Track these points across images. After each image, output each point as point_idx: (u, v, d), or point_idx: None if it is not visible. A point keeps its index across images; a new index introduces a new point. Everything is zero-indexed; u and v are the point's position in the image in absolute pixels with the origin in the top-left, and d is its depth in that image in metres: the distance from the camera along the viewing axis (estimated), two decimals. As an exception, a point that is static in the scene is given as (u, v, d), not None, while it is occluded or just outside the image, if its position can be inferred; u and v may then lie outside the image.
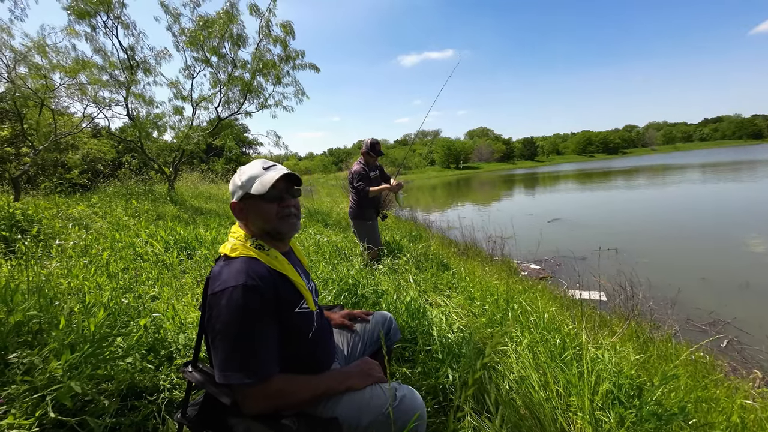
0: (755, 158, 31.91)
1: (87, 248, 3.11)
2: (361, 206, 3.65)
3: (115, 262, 2.87)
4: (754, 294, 4.43)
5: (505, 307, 2.43)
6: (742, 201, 11.65)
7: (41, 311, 1.64)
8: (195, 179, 13.54)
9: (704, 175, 21.41)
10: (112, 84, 6.65)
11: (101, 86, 6.53)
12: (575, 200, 15.80)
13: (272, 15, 7.29)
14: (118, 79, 6.71)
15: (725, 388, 1.94)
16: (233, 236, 1.11)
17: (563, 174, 36.26)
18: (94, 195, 6.26)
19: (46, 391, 1.23)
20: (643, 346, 2.17)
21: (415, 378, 1.84)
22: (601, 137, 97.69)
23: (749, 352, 3.14)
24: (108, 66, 6.61)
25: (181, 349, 1.78)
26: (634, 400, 1.56)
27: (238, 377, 0.90)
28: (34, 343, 1.51)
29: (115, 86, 6.69)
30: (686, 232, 8.00)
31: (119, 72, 6.75)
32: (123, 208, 5.23)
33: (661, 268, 5.55)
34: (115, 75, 6.73)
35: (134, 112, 7.25)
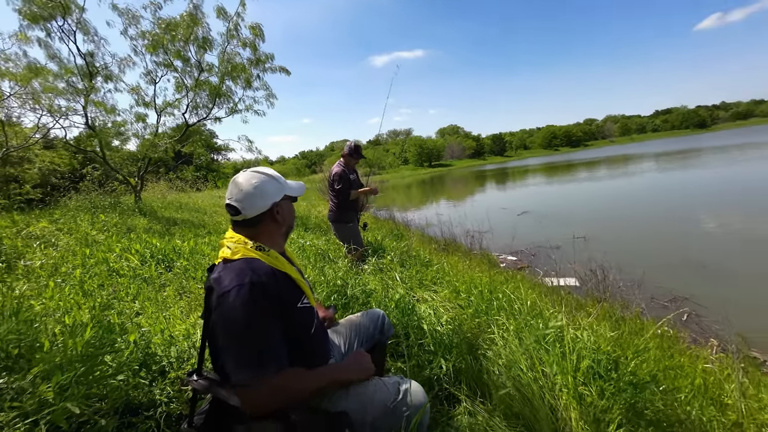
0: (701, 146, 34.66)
1: (56, 267, 2.95)
2: (341, 209, 3.67)
3: (90, 279, 2.74)
4: (706, 270, 4.86)
5: (490, 297, 2.55)
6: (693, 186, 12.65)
7: (20, 335, 1.56)
8: (163, 188, 12.98)
9: (659, 164, 23.01)
10: (69, 92, 6.26)
11: (57, 94, 6.13)
12: (544, 193, 16.51)
13: (240, 18, 7.13)
14: (76, 87, 6.33)
15: (688, 356, 2.15)
16: (230, 241, 1.10)
17: (531, 168, 37.73)
18: (56, 210, 5.88)
19: (38, 416, 1.19)
20: (616, 324, 2.35)
21: (410, 371, 1.91)
22: (564, 131, 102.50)
23: (706, 323, 3.45)
24: (64, 73, 6.22)
25: (174, 362, 1.75)
26: (612, 373, 1.70)
27: (251, 372, 0.91)
28: (15, 367, 1.44)
29: (73, 94, 6.30)
30: (646, 217, 8.60)
31: (77, 79, 6.37)
32: (89, 222, 4.95)
33: (626, 252, 5.95)
34: (73, 82, 6.35)
35: (94, 121, 6.86)
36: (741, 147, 26.31)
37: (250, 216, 1.10)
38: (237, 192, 1.10)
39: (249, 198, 1.09)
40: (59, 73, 6.20)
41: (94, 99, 6.67)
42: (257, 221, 1.12)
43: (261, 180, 1.12)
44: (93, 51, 6.66)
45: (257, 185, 1.11)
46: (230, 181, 1.15)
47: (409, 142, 72.74)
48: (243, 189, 1.10)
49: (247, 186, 1.10)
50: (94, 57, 6.67)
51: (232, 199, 1.10)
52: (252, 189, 1.10)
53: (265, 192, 1.11)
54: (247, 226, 1.12)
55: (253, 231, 1.12)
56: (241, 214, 1.10)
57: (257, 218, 1.12)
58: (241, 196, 1.09)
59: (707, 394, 1.72)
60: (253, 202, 1.10)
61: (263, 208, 1.11)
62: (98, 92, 6.83)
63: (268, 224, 1.15)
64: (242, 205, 1.09)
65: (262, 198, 1.11)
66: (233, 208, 1.10)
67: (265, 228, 1.14)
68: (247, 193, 1.09)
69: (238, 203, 1.09)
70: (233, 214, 1.12)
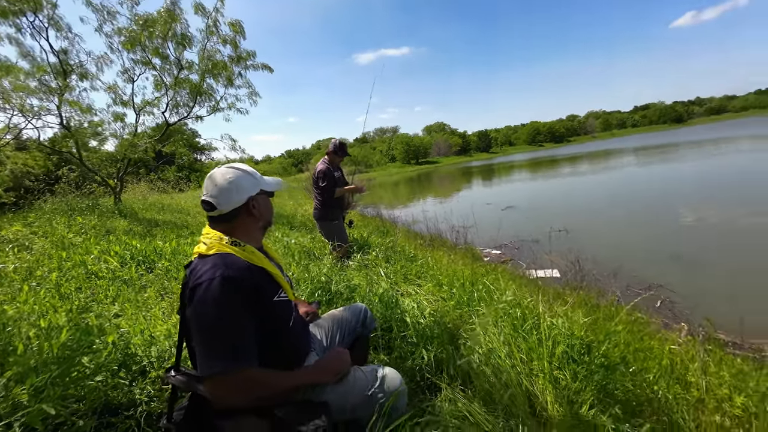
0: (678, 140, 35.81)
1: (31, 271, 2.87)
2: (326, 206, 3.67)
3: (67, 282, 2.68)
4: (681, 260, 5.07)
5: (471, 289, 2.61)
6: (671, 179, 13.10)
7: (-9, 339, 1.53)
8: (143, 189, 12.66)
9: (638, 158, 23.70)
10: (42, 91, 6.03)
11: (29, 93, 5.90)
12: (528, 188, 16.82)
13: (219, 14, 7.00)
14: (49, 86, 6.11)
15: (658, 339, 2.25)
16: (206, 237, 1.11)
17: (516, 163, 38.32)
18: (30, 214, 5.68)
19: (12, 418, 1.18)
20: (591, 311, 2.44)
21: (393, 363, 1.94)
22: (547, 127, 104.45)
23: (678, 309, 3.61)
24: (36, 71, 5.99)
25: (155, 362, 1.74)
26: (585, 357, 1.77)
27: (218, 366, 0.92)
28: (-13, 372, 1.42)
29: (46, 93, 6.08)
30: (625, 209, 8.87)
31: (50, 78, 6.14)
32: (66, 225, 4.81)
33: (605, 243, 6.14)
34: (46, 81, 6.12)
35: (69, 120, 6.64)
36: (715, 141, 27.31)
37: (226, 211, 1.11)
38: (212, 187, 1.11)
39: (224, 193, 1.10)
40: (31, 71, 5.97)
41: (69, 98, 6.45)
42: (233, 216, 1.13)
43: (236, 175, 1.13)
44: (67, 48, 6.43)
45: (232, 180, 1.11)
46: (206, 177, 1.16)
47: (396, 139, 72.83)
48: (218, 184, 1.10)
49: (222, 181, 1.11)
50: (68, 54, 6.44)
51: (207, 195, 1.11)
52: (227, 184, 1.10)
53: (240, 187, 1.12)
54: (223, 221, 1.13)
55: (228, 226, 1.13)
56: (216, 210, 1.11)
57: (233, 213, 1.12)
58: (216, 192, 1.10)
59: (673, 373, 1.82)
60: (229, 197, 1.10)
61: (239, 202, 1.12)
62: (73, 91, 6.61)
63: (244, 219, 1.15)
64: (217, 201, 1.10)
65: (237, 192, 1.11)
66: (208, 203, 1.11)
67: (241, 223, 1.15)
68: (222, 188, 1.10)
69: (213, 198, 1.10)
70: (208, 210, 1.12)
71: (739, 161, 15.02)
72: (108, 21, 6.51)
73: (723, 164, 14.99)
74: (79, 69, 6.63)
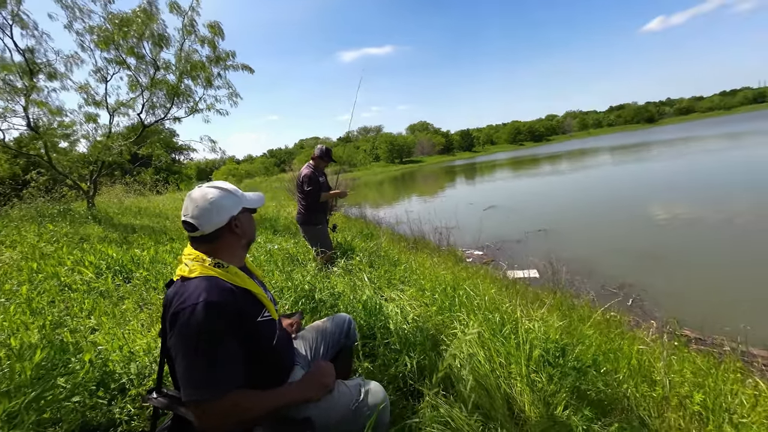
0: (650, 140, 37.32)
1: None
2: (310, 211, 3.66)
3: (38, 296, 2.59)
4: (650, 257, 5.31)
5: (453, 294, 2.67)
6: (644, 178, 13.66)
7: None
8: (119, 192, 12.22)
9: (612, 157, 24.58)
10: (7, 91, 5.74)
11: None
12: (509, 187, 17.18)
13: (196, 13, 6.84)
14: (14, 86, 5.82)
15: (628, 339, 2.38)
16: (188, 258, 1.10)
17: (498, 162, 39.04)
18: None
19: (-16, 447, 1.14)
20: (567, 313, 2.55)
21: (376, 371, 1.97)
22: (528, 127, 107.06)
23: (648, 307, 3.80)
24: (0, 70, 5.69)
25: (134, 379, 1.71)
26: (559, 359, 1.86)
27: (199, 393, 0.92)
28: (-45, 398, 1.36)
29: (11, 93, 5.78)
30: (601, 208, 9.21)
31: (15, 77, 5.85)
32: (36, 233, 4.61)
33: (582, 242, 6.37)
34: (10, 81, 5.82)
35: (37, 122, 6.35)
36: (685, 140, 28.63)
37: (208, 232, 1.11)
38: (193, 208, 1.10)
39: (205, 214, 1.09)
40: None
41: (36, 99, 6.16)
42: (215, 237, 1.12)
43: (216, 195, 1.13)
44: (33, 47, 6.14)
45: (213, 201, 1.11)
46: (185, 197, 1.15)
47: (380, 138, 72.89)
48: (198, 205, 1.10)
49: (203, 202, 1.10)
50: (34, 53, 6.15)
51: (188, 216, 1.10)
52: (208, 205, 1.10)
53: (221, 207, 1.12)
54: (205, 242, 1.12)
55: (211, 246, 1.13)
56: (198, 231, 1.10)
57: (215, 234, 1.12)
58: (197, 213, 1.09)
59: (641, 372, 1.93)
60: (210, 218, 1.10)
61: (220, 223, 1.12)
62: (41, 91, 6.32)
63: (227, 238, 1.15)
64: (198, 222, 1.09)
65: (218, 213, 1.11)
66: (189, 224, 1.10)
67: (225, 242, 1.14)
68: (203, 209, 1.09)
69: (194, 220, 1.09)
70: (190, 231, 1.12)
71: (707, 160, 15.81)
72: (79, 18, 6.26)
73: (692, 163, 15.74)
74: (47, 68, 6.34)
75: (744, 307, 3.42)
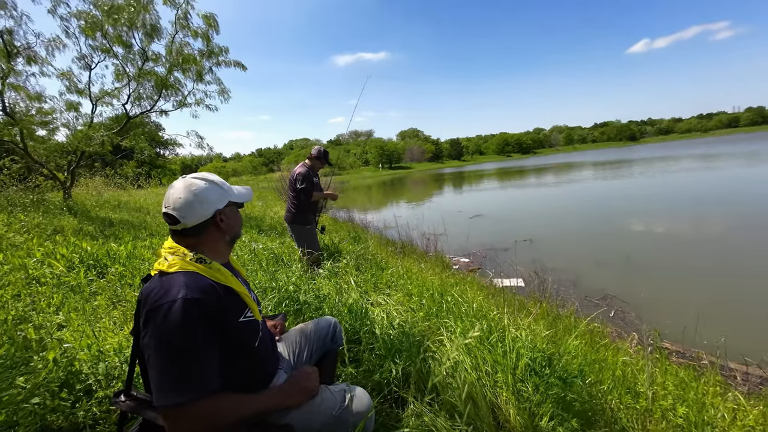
0: (631, 157, 38.65)
1: (-41, 275, 2.57)
2: (300, 210, 3.60)
3: (2, 289, 2.43)
4: (631, 269, 5.44)
5: (440, 300, 2.64)
6: (625, 193, 14.07)
7: None
8: (98, 185, 11.80)
9: (596, 171, 25.29)
10: (-19, 73, 5.48)
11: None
12: (497, 197, 17.42)
13: (190, 6, 6.70)
14: (-10, 68, 5.56)
15: (612, 350, 2.39)
16: (168, 252, 1.03)
17: (486, 172, 39.63)
18: (-39, 208, 5.10)
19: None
20: (553, 323, 2.55)
21: (360, 376, 1.92)
22: (516, 139, 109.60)
23: (629, 318, 3.87)
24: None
25: (102, 380, 1.61)
26: (545, 369, 1.84)
27: (173, 397, 0.85)
28: None
29: (-14, 76, 5.52)
30: (585, 221, 9.41)
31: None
32: (5, 222, 4.36)
33: (566, 253, 6.47)
34: (-14, 63, 5.56)
35: (13, 107, 6.07)
36: (664, 159, 29.76)
37: (190, 225, 1.03)
38: (175, 199, 1.02)
39: (188, 206, 1.02)
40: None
41: (14, 83, 5.90)
42: (198, 231, 1.05)
43: (201, 187, 1.06)
44: (12, 28, 5.89)
45: (197, 192, 1.04)
46: (168, 187, 1.08)
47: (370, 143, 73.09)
48: (181, 196, 1.02)
49: (186, 193, 1.03)
50: (12, 35, 5.89)
51: (169, 208, 1.02)
52: (191, 196, 1.03)
53: (206, 199, 1.05)
54: (187, 235, 1.05)
55: (193, 240, 1.06)
56: (179, 224, 1.03)
57: (198, 227, 1.05)
58: (179, 204, 1.02)
59: (625, 383, 1.93)
60: (193, 211, 1.03)
61: (204, 216, 1.05)
62: (19, 75, 6.05)
63: (212, 233, 1.08)
64: (180, 214, 1.02)
65: (202, 206, 1.04)
66: (171, 217, 1.02)
67: (208, 237, 1.08)
68: (186, 201, 1.02)
69: (176, 212, 1.02)
70: (171, 224, 1.04)
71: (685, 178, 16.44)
72: (64, 3, 6.04)
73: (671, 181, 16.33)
74: (27, 51, 6.09)
75: (721, 320, 3.52)
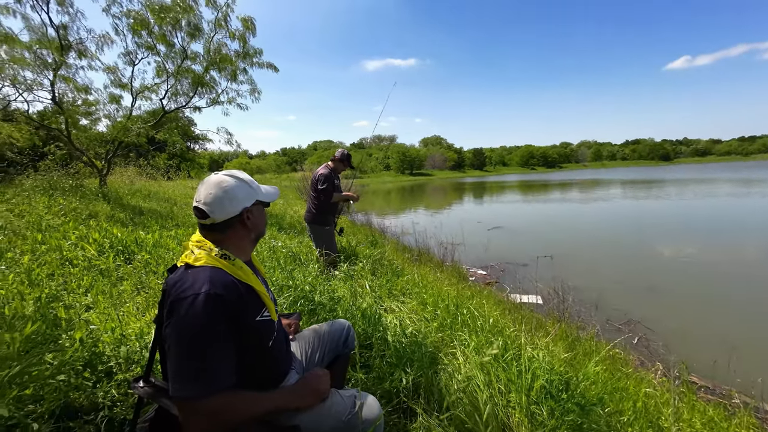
0: (665, 177, 36.98)
1: (1, 252, 2.74)
2: (320, 211, 3.64)
3: (39, 267, 2.57)
4: (658, 295, 5.17)
5: (455, 312, 2.59)
6: (657, 214, 13.45)
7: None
8: (131, 174, 12.38)
9: (625, 190, 24.33)
10: (37, 64, 5.87)
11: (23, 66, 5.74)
12: (518, 209, 17.04)
13: (230, 9, 6.99)
14: (45, 60, 5.95)
15: (634, 379, 2.27)
16: (195, 245, 1.06)
17: (508, 184, 38.91)
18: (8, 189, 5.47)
19: (-40, 418, 1.10)
20: (572, 345, 2.45)
21: (370, 383, 1.90)
22: (541, 152, 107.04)
23: (654, 347, 3.67)
24: (34, 43, 5.84)
25: (122, 363, 1.66)
26: (562, 393, 1.77)
27: (188, 389, 0.87)
28: (-60, 363, 1.33)
29: (40, 67, 5.92)
30: (610, 241, 9.05)
31: (47, 52, 5.99)
32: (45, 205, 4.64)
33: (588, 273, 6.23)
34: (42, 55, 5.96)
35: (62, 97, 6.47)
36: (701, 182, 28.30)
37: (219, 220, 1.07)
38: (206, 195, 1.06)
39: (218, 202, 1.05)
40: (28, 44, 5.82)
41: (64, 74, 6.30)
42: (226, 226, 1.08)
43: (231, 184, 1.09)
44: (67, 24, 6.30)
45: (227, 189, 1.07)
46: (199, 183, 1.12)
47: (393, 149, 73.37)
48: (212, 192, 1.06)
49: (217, 189, 1.06)
50: (67, 30, 6.30)
51: (200, 202, 1.06)
52: (221, 193, 1.06)
53: (235, 196, 1.08)
54: (215, 230, 1.08)
55: (220, 236, 1.09)
56: (208, 218, 1.06)
57: (226, 223, 1.08)
58: (209, 200, 1.05)
59: (647, 416, 1.83)
60: (222, 207, 1.06)
61: (232, 213, 1.08)
62: (70, 68, 6.46)
63: (237, 230, 1.11)
64: (210, 209, 1.05)
65: (231, 203, 1.07)
66: (201, 211, 1.06)
67: (234, 234, 1.11)
68: (216, 197, 1.06)
69: (206, 207, 1.05)
70: (200, 218, 1.08)
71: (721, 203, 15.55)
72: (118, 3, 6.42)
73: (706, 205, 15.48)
74: (78, 46, 6.49)
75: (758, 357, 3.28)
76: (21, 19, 5.86)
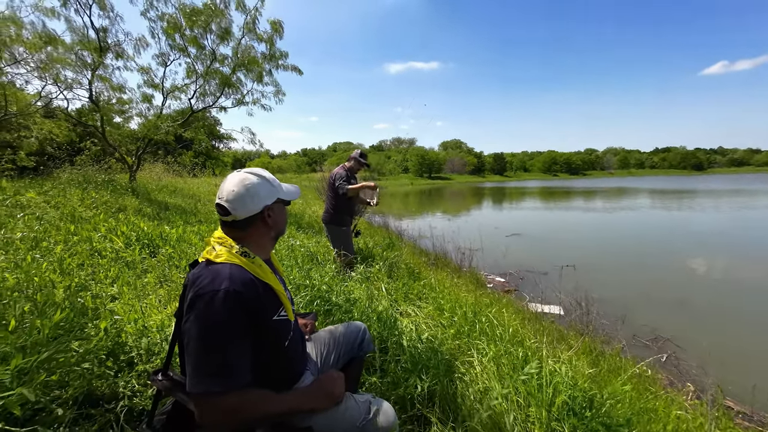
0: (696, 188, 35.15)
1: (37, 241, 2.88)
2: (337, 211, 3.66)
3: (70, 257, 2.68)
4: (689, 312, 4.89)
5: (473, 320, 2.53)
6: (690, 226, 12.77)
7: (-14, 310, 1.51)
8: (159, 171, 12.87)
9: (653, 200, 23.29)
10: (77, 64, 6.21)
11: (65, 65, 6.08)
12: (538, 216, 16.60)
13: (258, 13, 7.17)
14: (85, 60, 6.29)
15: (663, 400, 2.14)
16: (216, 242, 1.07)
17: (529, 190, 38.02)
18: (46, 181, 5.78)
19: (-9, 399, 1.14)
20: (596, 360, 2.34)
21: (384, 388, 1.87)
22: (564, 158, 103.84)
23: (684, 366, 3.45)
24: (75, 44, 6.19)
25: (143, 354, 1.70)
26: (586, 411, 1.68)
27: (205, 385, 0.87)
28: (-24, 345, 1.39)
29: (81, 66, 6.25)
30: (636, 252, 8.65)
31: (87, 53, 6.33)
32: (79, 197, 4.87)
33: (613, 285, 5.97)
34: (82, 55, 6.30)
35: (98, 95, 6.81)
36: (737, 193, 26.73)
37: (240, 218, 1.07)
38: (228, 192, 1.07)
39: (240, 199, 1.06)
40: (71, 45, 6.16)
41: (101, 74, 6.62)
42: (247, 224, 1.09)
43: (254, 182, 1.09)
44: (107, 27, 6.64)
45: (249, 187, 1.08)
46: (222, 180, 1.13)
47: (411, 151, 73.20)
48: (234, 190, 1.06)
49: (239, 187, 1.07)
50: (107, 33, 6.64)
51: (222, 199, 1.07)
52: (244, 190, 1.07)
53: (256, 194, 1.08)
54: (236, 227, 1.09)
55: (241, 233, 1.09)
56: (230, 215, 1.07)
57: (247, 221, 1.08)
58: (231, 197, 1.06)
59: (679, 442, 1.71)
60: (244, 204, 1.06)
61: (254, 210, 1.08)
62: (107, 68, 6.80)
63: (258, 228, 1.12)
64: (232, 206, 1.06)
65: (253, 200, 1.08)
66: (223, 208, 1.07)
67: (255, 231, 1.11)
68: (238, 194, 1.06)
69: (228, 204, 1.06)
70: (222, 215, 1.08)
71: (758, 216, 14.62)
72: (155, 7, 6.70)
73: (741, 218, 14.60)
74: (116, 48, 6.82)
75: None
76: (64, 21, 6.24)
